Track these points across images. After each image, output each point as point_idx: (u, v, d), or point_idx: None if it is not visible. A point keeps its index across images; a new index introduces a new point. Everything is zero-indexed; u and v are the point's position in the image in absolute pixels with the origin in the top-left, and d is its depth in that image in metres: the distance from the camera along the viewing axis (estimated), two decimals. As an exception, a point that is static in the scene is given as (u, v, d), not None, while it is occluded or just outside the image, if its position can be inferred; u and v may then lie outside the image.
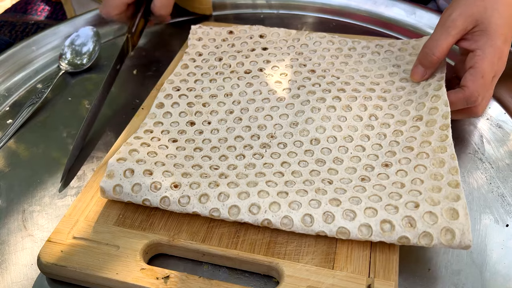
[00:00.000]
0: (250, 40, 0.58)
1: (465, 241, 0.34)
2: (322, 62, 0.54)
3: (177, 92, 0.51)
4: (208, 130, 0.47)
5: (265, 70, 0.53)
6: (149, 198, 0.39)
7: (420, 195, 0.37)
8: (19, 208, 0.43)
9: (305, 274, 0.35)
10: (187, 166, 0.42)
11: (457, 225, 0.35)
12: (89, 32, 0.62)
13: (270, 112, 0.48)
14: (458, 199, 0.36)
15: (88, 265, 0.36)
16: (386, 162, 0.41)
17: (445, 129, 0.42)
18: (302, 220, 0.37)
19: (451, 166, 0.39)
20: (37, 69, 0.60)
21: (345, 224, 0.36)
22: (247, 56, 0.56)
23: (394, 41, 0.56)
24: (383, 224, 0.36)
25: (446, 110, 0.44)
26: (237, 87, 0.51)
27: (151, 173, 0.40)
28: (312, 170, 0.41)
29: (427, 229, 0.35)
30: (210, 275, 0.37)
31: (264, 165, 0.42)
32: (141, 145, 0.43)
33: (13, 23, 1.01)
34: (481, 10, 0.45)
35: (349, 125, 0.45)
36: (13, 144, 0.50)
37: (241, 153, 0.44)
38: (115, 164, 0.40)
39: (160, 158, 0.42)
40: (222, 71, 0.54)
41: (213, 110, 0.49)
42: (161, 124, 0.47)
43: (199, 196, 0.38)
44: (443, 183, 0.38)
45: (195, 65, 0.55)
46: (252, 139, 0.45)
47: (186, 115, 0.48)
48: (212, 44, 0.58)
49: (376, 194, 0.38)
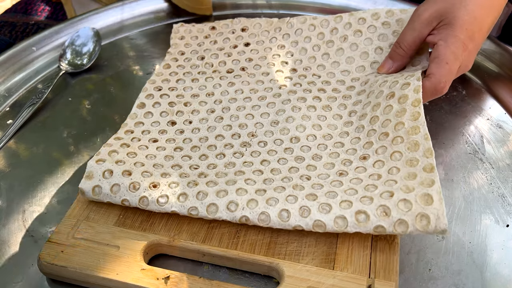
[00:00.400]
0: (232, 35, 0.58)
1: (441, 226, 0.34)
2: (303, 58, 0.54)
3: (158, 92, 0.51)
4: (189, 129, 0.47)
5: (247, 69, 0.54)
6: (128, 198, 0.39)
7: (395, 184, 0.37)
8: (19, 208, 0.43)
9: (305, 274, 0.35)
10: (166, 166, 0.42)
11: (431, 210, 0.35)
12: (89, 32, 0.62)
13: (251, 111, 0.48)
14: (432, 184, 0.36)
15: (88, 266, 0.36)
16: (364, 154, 0.42)
17: (417, 105, 0.42)
18: (279, 215, 0.37)
19: (425, 148, 0.39)
20: (38, 69, 0.60)
21: (320, 217, 0.36)
22: (230, 55, 0.56)
23: (378, 12, 0.53)
24: (358, 214, 0.36)
25: (417, 84, 0.43)
26: (219, 87, 0.52)
27: (130, 173, 0.40)
28: (291, 167, 0.42)
29: (402, 217, 0.35)
30: (210, 275, 0.37)
31: (244, 164, 0.42)
32: (121, 146, 0.43)
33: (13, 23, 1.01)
34: (448, 6, 0.45)
35: (329, 124, 0.46)
36: (14, 144, 0.50)
37: (221, 152, 0.44)
38: (94, 165, 0.40)
39: (140, 158, 0.42)
40: (204, 71, 0.54)
41: (195, 109, 0.49)
42: (142, 124, 0.47)
43: (178, 195, 0.39)
44: (418, 169, 0.38)
45: (177, 64, 0.55)
46: (233, 138, 0.45)
47: (167, 114, 0.48)
48: (195, 42, 0.58)
49: (352, 187, 0.38)
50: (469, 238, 0.40)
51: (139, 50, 0.63)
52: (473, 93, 0.54)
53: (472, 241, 0.39)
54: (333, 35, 0.54)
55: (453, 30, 0.44)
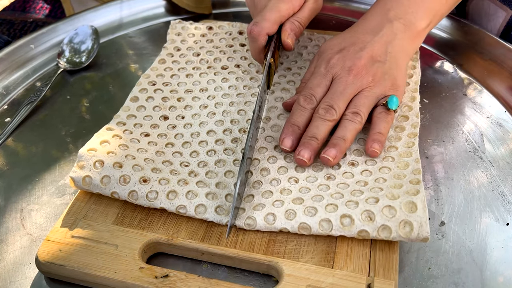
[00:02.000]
0: (229, 36, 0.59)
1: (423, 233, 0.35)
2: (298, 60, 0.55)
3: (152, 86, 0.51)
4: (181, 124, 0.47)
5: (242, 66, 0.54)
6: (117, 191, 0.39)
7: (381, 191, 0.38)
8: (17, 207, 0.43)
9: (304, 273, 0.35)
10: (157, 162, 0.42)
11: (415, 217, 0.35)
12: (88, 30, 0.62)
13: (244, 106, 0.49)
14: (417, 193, 0.37)
15: (87, 264, 0.36)
16: (352, 160, 0.42)
17: (412, 137, 0.44)
18: (265, 219, 0.37)
19: (414, 168, 0.40)
20: (36, 67, 0.60)
21: (306, 219, 0.37)
22: (225, 52, 0.56)
23: None
24: (343, 218, 0.36)
25: (416, 121, 0.45)
26: (212, 82, 0.52)
27: (121, 166, 0.40)
28: (280, 167, 0.42)
29: (385, 222, 0.35)
30: (209, 274, 0.37)
31: (234, 162, 0.43)
32: (113, 137, 0.44)
33: (11, 21, 1.01)
34: None
35: None
36: (12, 142, 0.50)
37: (212, 148, 0.44)
38: (85, 154, 0.41)
39: (131, 151, 0.42)
40: (199, 67, 0.54)
41: (188, 105, 0.49)
42: (134, 117, 0.47)
43: (167, 193, 0.39)
44: (405, 181, 0.39)
45: (172, 60, 0.55)
46: (224, 134, 0.46)
47: (160, 109, 0.49)
48: (191, 39, 0.59)
49: (338, 191, 0.39)
50: (469, 236, 0.40)
51: (138, 48, 0.63)
52: (473, 91, 0.54)
53: (472, 240, 0.39)
54: None
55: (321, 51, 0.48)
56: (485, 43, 0.58)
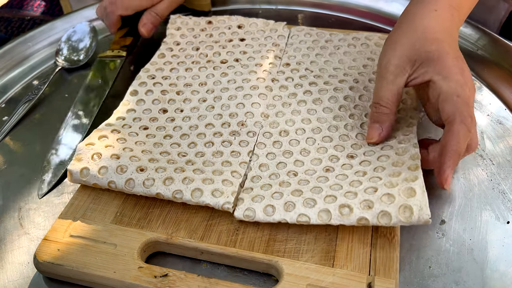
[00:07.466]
0: (228, 30, 0.59)
1: (424, 216, 0.35)
2: (297, 55, 0.55)
3: (152, 80, 0.51)
4: (180, 117, 0.47)
5: (241, 60, 0.54)
6: (114, 180, 0.40)
7: (380, 180, 0.38)
8: (15, 206, 0.43)
9: (304, 272, 0.35)
10: (155, 153, 0.43)
11: (414, 201, 0.35)
12: (86, 28, 0.62)
13: (243, 100, 0.49)
14: (415, 180, 0.37)
15: (85, 264, 0.36)
16: (351, 153, 0.42)
17: (410, 126, 0.43)
18: (264, 210, 0.37)
19: (412, 153, 0.40)
20: (33, 65, 0.60)
21: (305, 211, 0.37)
22: (224, 47, 0.56)
23: (372, 34, 0.56)
24: (342, 208, 0.36)
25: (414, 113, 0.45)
26: (212, 76, 0.52)
27: (118, 157, 0.41)
28: (279, 163, 0.42)
29: (385, 208, 0.35)
30: (208, 273, 0.37)
31: (231, 153, 0.43)
32: (111, 132, 0.44)
33: (9, 18, 1.00)
34: (410, 47, 0.41)
35: (318, 117, 0.47)
36: (9, 141, 0.50)
37: (210, 140, 0.44)
38: (83, 148, 0.41)
39: (129, 144, 0.43)
40: (199, 61, 0.54)
41: (187, 98, 0.50)
42: (134, 111, 0.48)
43: (164, 179, 0.39)
44: (403, 168, 0.38)
45: (172, 54, 0.56)
46: (223, 127, 0.46)
47: (159, 102, 0.49)
48: (191, 33, 0.59)
49: (337, 183, 0.39)
50: (469, 235, 0.39)
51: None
52: (473, 89, 0.54)
53: (472, 238, 0.39)
54: (327, 43, 0.56)
55: (438, 62, 0.40)
56: (485, 40, 0.58)
